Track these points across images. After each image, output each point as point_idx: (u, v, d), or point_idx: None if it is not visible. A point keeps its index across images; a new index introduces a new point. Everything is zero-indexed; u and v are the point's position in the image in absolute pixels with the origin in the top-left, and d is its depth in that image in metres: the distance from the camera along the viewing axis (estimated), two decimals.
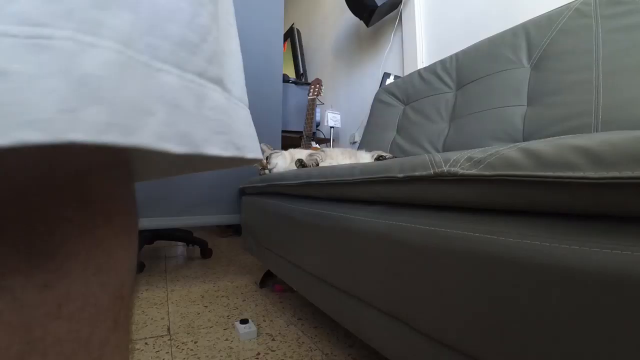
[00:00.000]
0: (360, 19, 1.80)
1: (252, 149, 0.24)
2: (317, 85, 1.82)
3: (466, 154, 0.37)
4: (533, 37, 0.94)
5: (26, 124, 0.11)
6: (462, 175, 0.36)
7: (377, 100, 1.52)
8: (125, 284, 0.22)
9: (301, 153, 1.21)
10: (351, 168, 0.59)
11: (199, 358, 0.76)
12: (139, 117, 0.15)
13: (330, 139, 2.15)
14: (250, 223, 1.24)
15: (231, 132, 0.21)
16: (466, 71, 1.13)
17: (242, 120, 0.24)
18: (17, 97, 0.11)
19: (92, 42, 0.14)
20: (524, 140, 0.85)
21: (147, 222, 1.22)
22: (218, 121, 0.20)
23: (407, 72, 1.62)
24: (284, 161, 1.17)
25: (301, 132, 2.01)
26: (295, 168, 1.06)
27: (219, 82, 0.21)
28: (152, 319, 0.98)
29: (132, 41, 0.15)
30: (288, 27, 2.92)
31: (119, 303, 0.21)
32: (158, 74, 0.16)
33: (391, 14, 1.77)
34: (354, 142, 2.05)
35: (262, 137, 1.45)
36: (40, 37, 0.12)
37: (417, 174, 0.42)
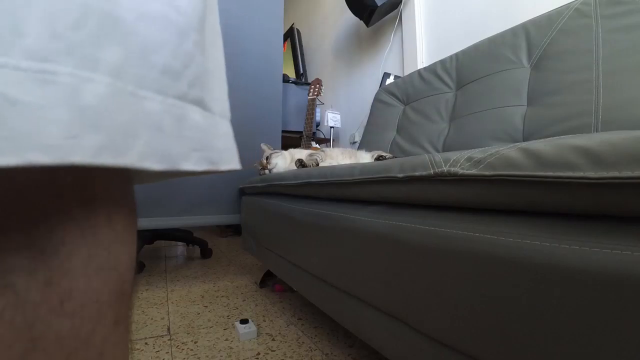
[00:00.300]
0: (360, 19, 1.80)
1: (228, 161, 0.26)
2: (317, 85, 1.82)
3: (466, 154, 0.37)
4: (533, 37, 0.94)
5: (36, 148, 0.13)
6: (462, 175, 0.36)
7: (377, 100, 1.52)
8: (126, 281, 0.23)
9: (301, 153, 1.21)
10: (351, 168, 0.59)
11: (199, 358, 0.76)
12: (126, 140, 0.17)
13: (330, 139, 2.15)
14: (250, 223, 1.24)
15: (207, 148, 0.24)
16: (466, 71, 1.13)
17: (221, 135, 0.26)
18: (27, 124, 0.13)
19: (89, 77, 0.16)
20: (524, 140, 0.85)
21: (147, 222, 1.22)
22: (195, 139, 0.22)
23: (407, 72, 1.62)
24: (284, 161, 1.17)
25: (301, 132, 2.01)
26: (295, 168, 1.06)
27: (199, 102, 0.23)
28: (152, 319, 0.98)
29: (121, 73, 0.17)
30: (288, 27, 2.92)
31: (120, 300, 0.22)
32: (143, 102, 0.19)
33: (391, 14, 1.77)
34: (354, 142, 2.05)
35: (262, 137, 1.45)
36: (46, 72, 0.14)
37: (417, 174, 0.42)
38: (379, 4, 1.62)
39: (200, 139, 0.23)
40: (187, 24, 0.22)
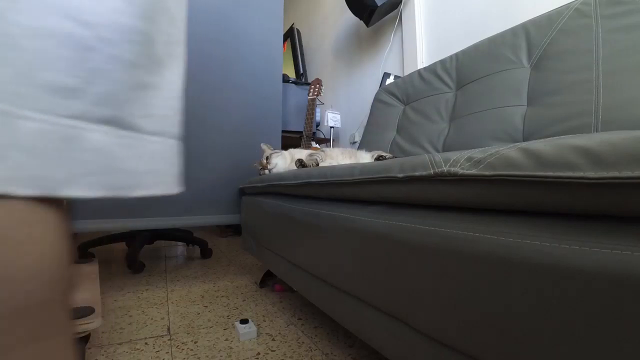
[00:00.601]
0: (360, 19, 1.80)
1: (147, 185, 0.24)
2: (317, 85, 1.82)
3: (466, 154, 0.37)
4: (533, 37, 0.94)
5: None
6: (462, 175, 0.36)
7: (377, 100, 1.52)
8: (37, 291, 0.20)
9: (301, 153, 1.21)
10: (351, 168, 0.59)
11: (199, 358, 0.76)
12: None
13: (330, 139, 2.15)
14: (250, 223, 1.24)
15: (110, 171, 0.22)
16: (466, 71, 1.13)
17: (144, 156, 0.24)
18: None
19: None
20: (524, 140, 0.85)
21: (147, 222, 1.22)
22: (91, 162, 0.21)
23: (407, 72, 1.62)
24: (284, 161, 1.17)
25: (301, 132, 2.01)
26: (295, 168, 1.06)
27: (110, 121, 0.22)
28: (152, 319, 0.98)
29: None
30: (288, 27, 2.92)
31: (31, 315, 0.19)
32: (17, 121, 0.17)
33: (391, 14, 1.77)
34: (354, 142, 2.05)
35: (262, 137, 1.45)
36: None
37: (417, 174, 0.42)
38: (379, 4, 1.62)
39: (99, 162, 0.21)
40: (97, 38, 0.20)
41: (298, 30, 2.89)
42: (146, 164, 0.24)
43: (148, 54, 0.24)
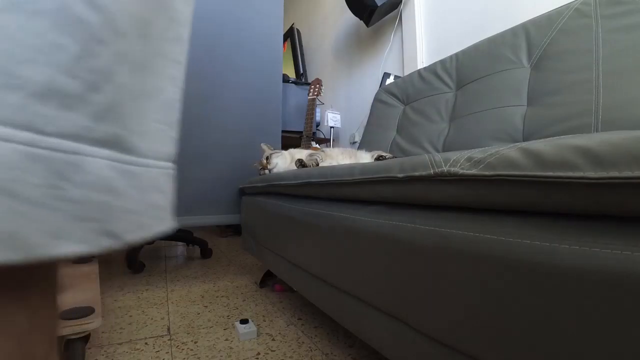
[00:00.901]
0: (360, 19, 1.80)
1: (144, 226, 0.18)
2: (317, 85, 1.81)
3: (466, 154, 0.37)
4: (533, 37, 0.94)
5: None
6: (462, 175, 0.36)
7: (377, 100, 1.52)
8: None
9: (301, 153, 1.21)
10: (351, 168, 0.59)
11: (199, 358, 0.76)
12: None
13: (330, 139, 2.15)
14: (250, 223, 1.24)
15: (110, 214, 0.16)
16: (466, 71, 1.13)
17: (144, 188, 0.18)
18: None
19: None
20: (524, 140, 0.85)
21: None
22: (86, 204, 0.15)
23: (407, 72, 1.62)
24: (284, 161, 1.17)
25: (301, 132, 2.01)
26: (295, 168, 1.06)
27: (112, 142, 0.16)
28: (152, 319, 0.98)
29: None
30: (288, 27, 2.92)
31: None
32: None
33: (391, 14, 1.77)
34: (354, 142, 2.05)
35: (262, 137, 1.45)
36: None
37: (417, 174, 0.42)
38: (379, 4, 1.62)
39: (98, 202, 0.15)
40: (109, 27, 0.15)
41: (298, 30, 2.89)
42: (145, 198, 0.19)
43: (145, 51, 0.18)
